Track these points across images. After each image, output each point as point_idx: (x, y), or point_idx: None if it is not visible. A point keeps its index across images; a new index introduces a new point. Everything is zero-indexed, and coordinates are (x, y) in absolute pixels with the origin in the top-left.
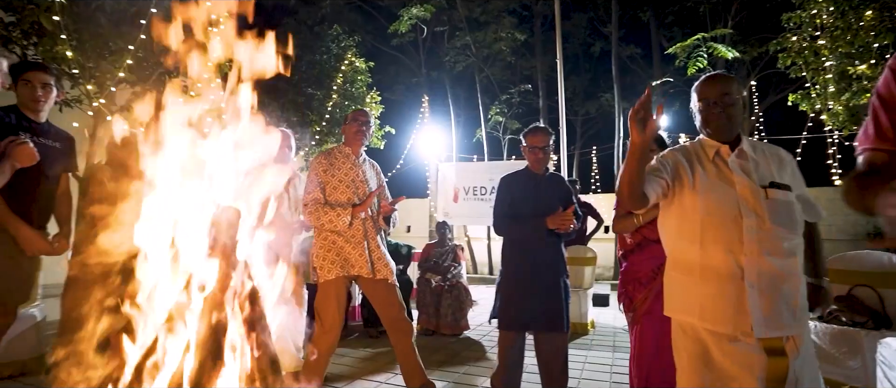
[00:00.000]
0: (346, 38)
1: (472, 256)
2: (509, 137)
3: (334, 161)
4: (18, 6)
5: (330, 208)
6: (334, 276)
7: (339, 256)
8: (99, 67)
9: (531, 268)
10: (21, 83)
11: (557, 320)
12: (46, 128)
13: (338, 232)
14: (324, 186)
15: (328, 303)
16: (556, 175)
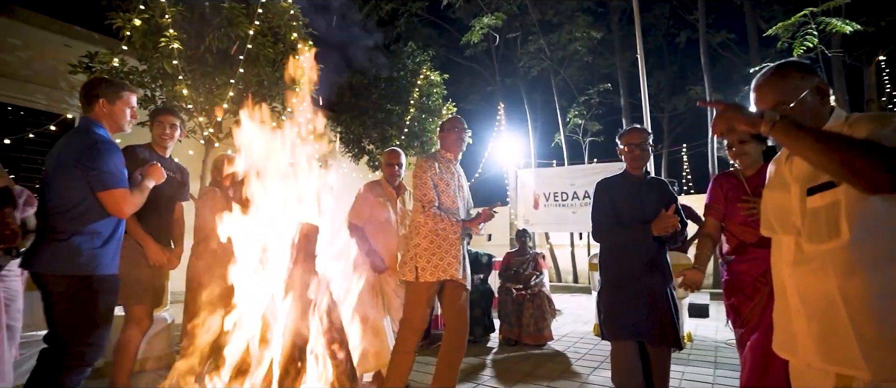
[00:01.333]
0: (420, 53)
1: (554, 264)
2: (590, 140)
3: (441, 166)
4: (147, 56)
5: (446, 216)
6: (435, 279)
7: (443, 260)
8: (208, 100)
9: (635, 275)
10: (155, 123)
11: (668, 332)
12: (169, 162)
13: (442, 237)
14: (437, 189)
15: (421, 303)
16: (658, 179)
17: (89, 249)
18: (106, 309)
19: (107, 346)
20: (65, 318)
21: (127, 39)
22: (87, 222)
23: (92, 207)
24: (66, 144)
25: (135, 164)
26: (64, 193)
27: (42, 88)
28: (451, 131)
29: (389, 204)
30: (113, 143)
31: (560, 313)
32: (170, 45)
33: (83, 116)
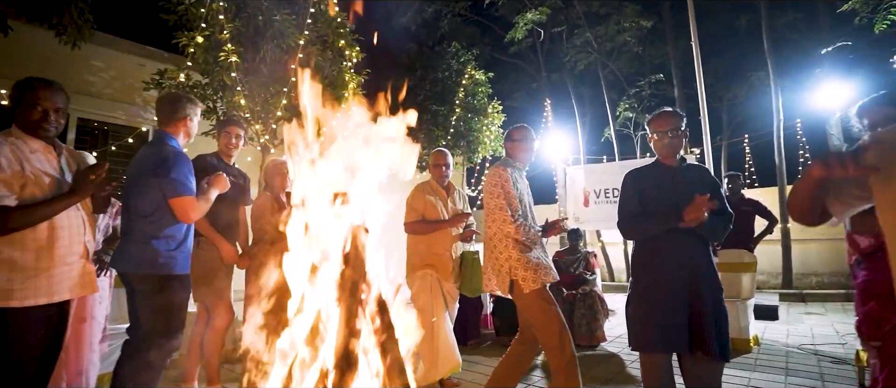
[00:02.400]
0: (464, 53)
1: (607, 263)
2: (642, 134)
3: (513, 172)
4: (209, 70)
5: (531, 227)
6: (540, 284)
7: (540, 266)
8: (263, 109)
9: (669, 276)
10: (223, 133)
11: (708, 341)
12: (233, 168)
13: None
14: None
15: (549, 312)
16: (696, 165)
17: (166, 251)
18: (181, 305)
19: (181, 339)
20: (146, 313)
21: (191, 56)
22: (164, 226)
23: (167, 212)
24: (144, 155)
25: (204, 172)
26: (143, 199)
27: (121, 104)
28: (522, 141)
29: (440, 204)
30: (183, 153)
31: (613, 314)
32: (228, 59)
33: (157, 129)
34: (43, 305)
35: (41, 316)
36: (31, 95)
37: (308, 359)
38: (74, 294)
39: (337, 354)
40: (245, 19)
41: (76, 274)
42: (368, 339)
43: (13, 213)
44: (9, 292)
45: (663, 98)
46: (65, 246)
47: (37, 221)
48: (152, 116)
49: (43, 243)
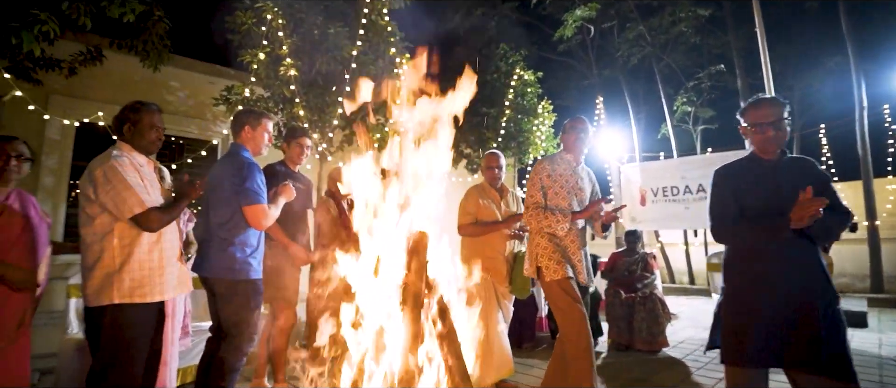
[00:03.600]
0: (513, 54)
1: (666, 264)
2: (702, 128)
3: (556, 167)
4: (270, 84)
5: (550, 213)
6: (560, 276)
7: (565, 257)
8: (320, 119)
9: (772, 283)
10: (293, 144)
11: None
12: (298, 176)
13: (557, 236)
14: (546, 190)
15: (567, 304)
16: (800, 158)
17: (242, 257)
18: (256, 307)
19: (256, 338)
20: (225, 314)
21: (254, 72)
22: (239, 233)
23: (242, 220)
24: (220, 166)
25: (274, 180)
26: (221, 208)
27: (194, 119)
28: (570, 132)
29: (494, 207)
30: (256, 164)
31: (676, 318)
32: (287, 73)
33: (232, 141)
34: (157, 302)
35: (154, 312)
36: (149, 118)
37: (373, 362)
38: (176, 293)
39: (401, 358)
40: (302, 34)
41: (177, 275)
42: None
43: (157, 213)
44: (139, 289)
45: (725, 90)
46: (170, 249)
47: (168, 222)
48: (220, 129)
49: (157, 246)
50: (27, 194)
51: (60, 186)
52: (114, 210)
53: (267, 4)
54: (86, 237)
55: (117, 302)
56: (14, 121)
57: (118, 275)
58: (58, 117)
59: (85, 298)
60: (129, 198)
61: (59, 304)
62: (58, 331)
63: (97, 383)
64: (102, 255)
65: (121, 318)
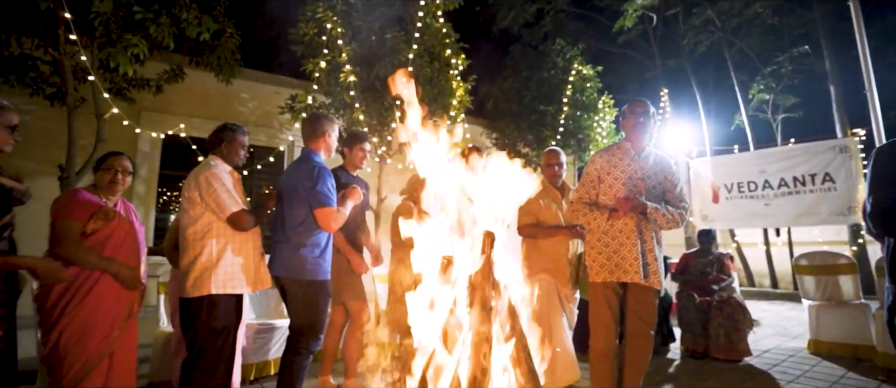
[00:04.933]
0: (570, 49)
1: (744, 265)
2: (783, 117)
3: (612, 157)
4: (331, 91)
5: (590, 209)
6: (601, 279)
7: (610, 260)
8: (379, 122)
9: None
10: (356, 148)
11: None
12: (358, 179)
13: (607, 232)
14: (599, 183)
15: (595, 306)
16: None
17: (313, 258)
18: (323, 306)
19: (322, 336)
20: (297, 313)
21: (316, 80)
22: (310, 235)
23: (313, 222)
24: (293, 171)
25: (337, 186)
26: (293, 211)
27: (262, 128)
28: (629, 116)
29: (555, 206)
30: (326, 168)
31: (758, 325)
32: (347, 79)
33: (304, 146)
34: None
35: (240, 303)
36: (241, 138)
37: (441, 363)
38: (258, 288)
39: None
40: (360, 41)
41: (257, 271)
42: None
43: (248, 215)
44: (231, 282)
45: (810, 74)
46: (253, 248)
47: (256, 224)
48: (286, 136)
49: (245, 245)
50: (128, 202)
51: (151, 194)
52: (216, 210)
53: (327, 15)
54: (188, 236)
55: (213, 293)
56: (112, 136)
57: (215, 268)
58: (148, 131)
59: (184, 289)
60: (227, 200)
61: (152, 300)
62: (151, 324)
63: (194, 366)
64: (203, 251)
65: (215, 307)
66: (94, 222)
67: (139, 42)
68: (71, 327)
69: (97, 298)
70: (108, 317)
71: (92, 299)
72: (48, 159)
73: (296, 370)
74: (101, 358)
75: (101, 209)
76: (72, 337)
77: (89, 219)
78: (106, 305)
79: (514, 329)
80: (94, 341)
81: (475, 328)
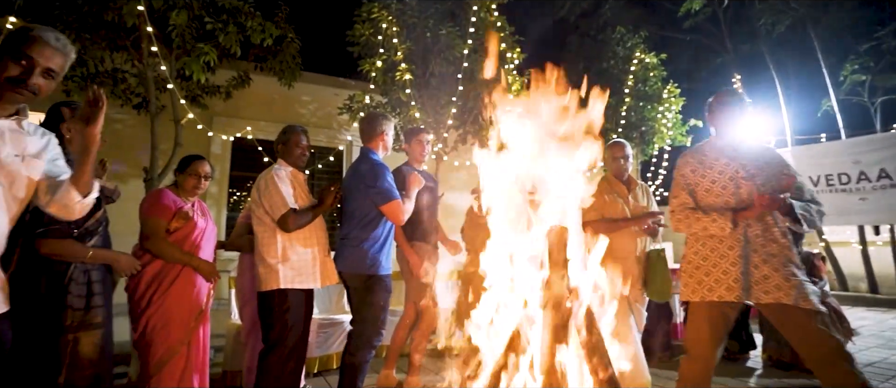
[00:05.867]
0: (630, 37)
1: (835, 267)
2: (883, 100)
3: (704, 158)
4: (387, 90)
5: (702, 214)
6: (698, 298)
7: (709, 276)
8: (435, 120)
9: None
10: (414, 141)
11: None
12: (424, 174)
13: (719, 240)
14: (693, 188)
15: (693, 326)
16: None
17: (372, 253)
18: (384, 302)
19: (383, 332)
20: (358, 307)
21: (373, 80)
22: (371, 230)
23: (373, 218)
24: (353, 170)
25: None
26: (355, 209)
27: (322, 129)
28: (719, 110)
29: (621, 201)
30: (385, 165)
31: (857, 334)
32: (403, 77)
33: (362, 146)
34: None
35: (309, 298)
36: (295, 138)
37: (510, 368)
38: (324, 284)
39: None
40: (415, 39)
41: (324, 267)
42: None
43: (293, 216)
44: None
45: None
46: (320, 245)
47: (304, 224)
48: (345, 136)
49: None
50: (202, 202)
51: (222, 194)
52: (270, 212)
53: (382, 14)
54: (258, 234)
55: (282, 287)
56: (188, 140)
57: (282, 265)
58: (219, 134)
59: (257, 283)
60: (277, 202)
61: (224, 293)
62: (224, 316)
63: (268, 358)
64: (270, 248)
65: (284, 301)
66: (176, 220)
67: (210, 50)
68: (156, 315)
69: (179, 290)
70: (187, 308)
71: (174, 290)
72: (135, 163)
73: (357, 364)
74: (180, 345)
75: (181, 210)
76: (157, 325)
77: (172, 218)
78: (186, 296)
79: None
80: (176, 329)
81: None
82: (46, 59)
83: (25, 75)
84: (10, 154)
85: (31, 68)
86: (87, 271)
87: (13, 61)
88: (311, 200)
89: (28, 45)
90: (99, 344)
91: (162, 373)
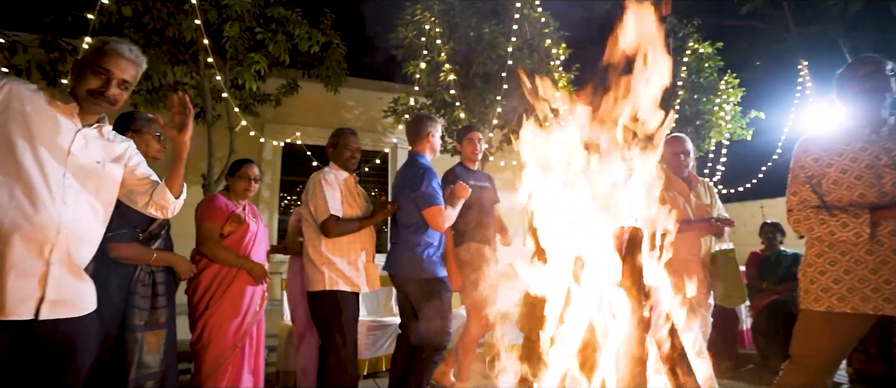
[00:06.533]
0: (682, 26)
1: None
2: None
3: (832, 144)
4: (431, 92)
5: (828, 215)
6: (824, 308)
7: (839, 283)
8: (480, 120)
9: None
10: (465, 141)
11: None
12: (479, 174)
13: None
14: (818, 180)
15: (809, 335)
16: None
17: (427, 256)
18: (445, 304)
19: (449, 335)
20: (423, 311)
21: (417, 82)
22: (421, 235)
23: (423, 222)
24: (401, 174)
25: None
26: (404, 213)
27: (368, 133)
28: (850, 84)
29: (681, 200)
30: (431, 168)
31: None
32: (447, 78)
33: (410, 149)
34: (355, 292)
35: (356, 300)
36: (343, 140)
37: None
38: (369, 289)
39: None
40: (458, 38)
41: (368, 272)
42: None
43: (335, 222)
44: (343, 280)
45: None
46: (364, 248)
47: (348, 232)
48: (390, 139)
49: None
50: (253, 206)
51: (273, 198)
52: (314, 215)
53: (425, 16)
54: (306, 235)
55: (328, 289)
56: (241, 146)
57: (328, 267)
58: (270, 141)
59: (307, 283)
60: (321, 206)
61: (276, 294)
62: (277, 317)
63: (325, 357)
64: (317, 250)
65: (331, 303)
66: (229, 224)
67: (261, 59)
68: (213, 318)
69: (234, 293)
70: (242, 310)
71: (230, 294)
72: (194, 170)
73: (424, 367)
74: (235, 348)
75: (233, 214)
76: (214, 327)
77: (225, 222)
78: (241, 299)
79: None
80: (231, 330)
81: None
82: (122, 71)
83: (104, 87)
84: (93, 160)
85: (109, 80)
86: (151, 272)
87: (93, 74)
88: (362, 203)
89: (105, 59)
90: (163, 343)
91: (218, 374)
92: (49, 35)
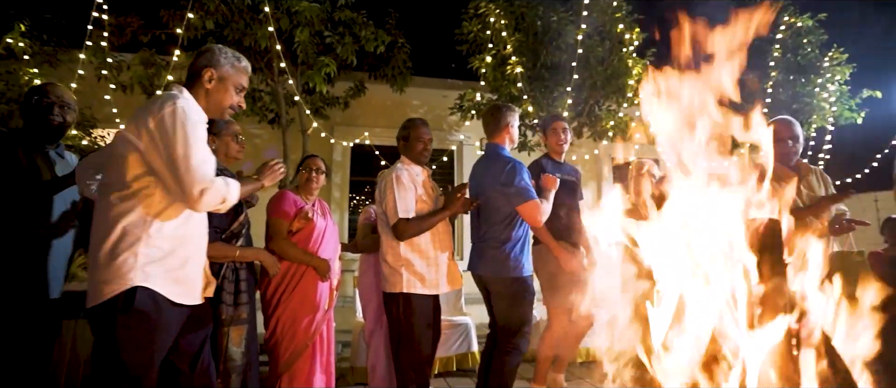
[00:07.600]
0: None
1: None
2: None
3: None
4: (498, 86)
5: None
6: None
7: None
8: (548, 112)
9: None
10: (550, 131)
11: None
12: (565, 166)
13: None
14: None
15: None
16: None
17: (514, 255)
18: (528, 304)
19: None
20: (503, 311)
21: (482, 76)
22: (511, 231)
23: (510, 219)
24: (483, 169)
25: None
26: (491, 209)
27: (434, 131)
28: None
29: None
30: (518, 161)
31: None
32: (513, 71)
33: (488, 142)
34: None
35: (431, 302)
36: (414, 132)
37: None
38: (448, 289)
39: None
40: (524, 30)
41: (449, 272)
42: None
43: (404, 224)
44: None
45: None
46: (440, 248)
47: (425, 230)
48: (456, 137)
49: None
50: (323, 202)
51: (344, 198)
52: (387, 215)
53: (490, 8)
54: (382, 234)
55: (405, 291)
56: (313, 149)
57: (405, 268)
58: (340, 142)
59: (382, 283)
60: (390, 209)
61: (349, 291)
62: (350, 313)
63: (397, 356)
64: (393, 251)
65: (407, 305)
66: (298, 221)
67: (330, 62)
68: (284, 315)
69: (304, 290)
70: (311, 306)
71: (299, 291)
72: None
73: (507, 369)
74: (306, 344)
75: (301, 210)
76: (285, 324)
77: (293, 218)
78: (310, 296)
79: (836, 362)
80: (302, 327)
81: (772, 357)
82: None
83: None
84: None
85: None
86: (236, 269)
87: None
88: (435, 200)
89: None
90: (244, 338)
91: (291, 371)
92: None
